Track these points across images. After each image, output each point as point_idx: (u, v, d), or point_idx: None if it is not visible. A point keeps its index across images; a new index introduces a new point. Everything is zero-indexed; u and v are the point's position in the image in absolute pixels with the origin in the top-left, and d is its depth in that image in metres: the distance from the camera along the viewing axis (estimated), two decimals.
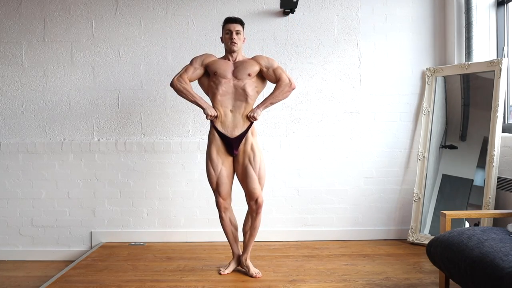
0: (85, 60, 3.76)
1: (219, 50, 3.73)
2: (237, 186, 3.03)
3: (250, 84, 2.85)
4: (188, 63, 2.95)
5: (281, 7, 3.65)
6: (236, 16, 2.94)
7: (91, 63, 3.76)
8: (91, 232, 3.77)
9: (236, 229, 3.01)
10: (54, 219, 3.76)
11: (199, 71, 2.91)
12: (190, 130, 3.78)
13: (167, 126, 3.77)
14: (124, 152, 3.76)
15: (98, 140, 3.77)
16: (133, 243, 3.71)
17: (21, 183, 3.74)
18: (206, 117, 2.86)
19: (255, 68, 2.88)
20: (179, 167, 3.76)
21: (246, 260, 2.96)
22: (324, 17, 3.78)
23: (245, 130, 2.84)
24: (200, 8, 3.76)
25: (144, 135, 3.78)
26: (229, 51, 2.91)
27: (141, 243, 3.71)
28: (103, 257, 3.35)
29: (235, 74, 2.85)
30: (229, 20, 2.91)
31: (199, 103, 2.88)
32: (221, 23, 2.96)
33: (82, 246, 3.76)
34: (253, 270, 2.92)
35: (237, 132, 2.83)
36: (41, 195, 3.75)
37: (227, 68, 2.86)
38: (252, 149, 2.84)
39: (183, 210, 3.78)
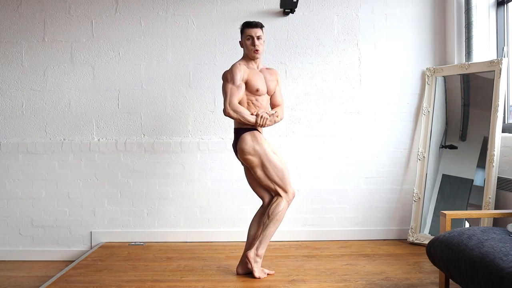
0: (85, 60, 3.76)
1: (218, 50, 3.73)
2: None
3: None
4: (228, 81, 2.79)
5: (281, 7, 3.65)
6: (256, 20, 2.87)
7: (91, 63, 3.76)
8: (91, 232, 3.77)
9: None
10: (54, 219, 3.76)
11: (243, 89, 2.80)
12: (190, 130, 3.78)
13: (167, 126, 3.78)
14: (124, 152, 3.76)
15: (98, 140, 3.77)
16: (133, 243, 3.71)
17: (21, 183, 3.74)
18: (259, 124, 2.79)
19: (275, 85, 2.98)
20: (179, 167, 3.76)
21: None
22: (324, 17, 3.78)
23: None
24: (200, 8, 3.76)
25: (144, 135, 3.78)
26: (252, 58, 2.87)
27: (141, 243, 3.71)
28: (103, 257, 3.35)
29: (269, 90, 2.92)
30: (249, 25, 2.84)
31: (252, 120, 2.78)
32: (221, 23, 2.96)
33: (82, 246, 3.76)
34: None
35: None
36: (41, 195, 3.75)
37: (263, 83, 2.86)
38: None
39: (183, 210, 3.78)
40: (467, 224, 3.34)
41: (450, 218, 2.58)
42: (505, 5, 3.47)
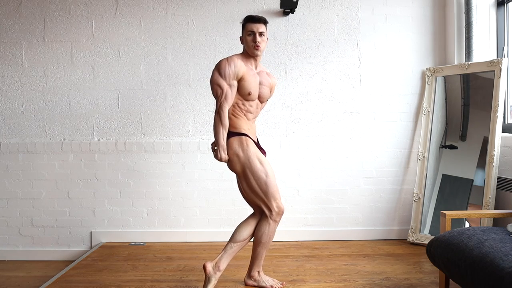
0: (85, 60, 3.76)
1: (219, 50, 3.73)
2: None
3: None
4: (218, 74, 2.56)
5: (281, 7, 3.65)
6: (259, 15, 2.65)
7: (91, 63, 3.76)
8: (91, 232, 3.77)
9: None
10: (54, 219, 3.76)
11: (235, 89, 2.59)
12: (190, 130, 3.78)
13: (167, 126, 3.78)
14: (124, 152, 3.76)
15: (98, 140, 3.77)
16: (133, 243, 3.71)
17: (21, 183, 3.74)
18: (216, 157, 2.59)
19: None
20: (179, 167, 3.76)
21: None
22: (324, 17, 3.78)
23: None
24: (200, 8, 3.76)
25: (144, 135, 3.78)
26: (252, 55, 2.64)
27: (141, 243, 3.71)
28: (103, 257, 3.35)
29: (261, 97, 2.70)
30: (252, 19, 2.60)
31: (220, 142, 2.56)
32: (221, 23, 2.95)
33: (82, 246, 3.76)
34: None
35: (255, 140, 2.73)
36: (41, 195, 3.75)
37: (256, 87, 2.64)
38: None
39: (183, 210, 3.78)
40: (467, 224, 3.34)
41: (450, 218, 2.57)
42: (505, 5, 3.47)
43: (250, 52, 2.64)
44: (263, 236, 2.63)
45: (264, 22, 2.63)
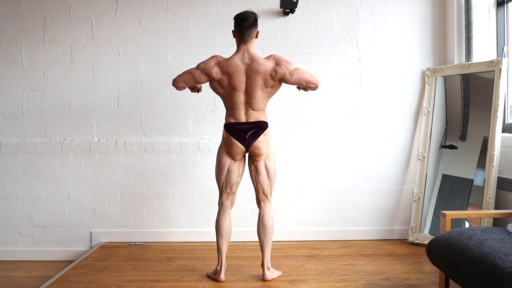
0: (85, 60, 3.76)
1: (219, 50, 3.73)
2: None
3: None
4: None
5: (281, 7, 3.65)
6: (248, 15, 2.84)
7: (91, 63, 3.76)
8: (91, 232, 3.77)
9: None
10: (54, 219, 3.76)
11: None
12: (190, 130, 3.78)
13: (167, 126, 3.78)
14: (124, 152, 3.76)
15: (98, 140, 3.77)
16: (133, 243, 3.71)
17: (21, 183, 3.74)
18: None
19: None
20: (179, 167, 3.77)
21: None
22: (324, 17, 3.78)
23: None
24: (200, 8, 3.76)
25: (144, 135, 3.78)
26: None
27: (141, 243, 3.71)
28: (103, 257, 3.35)
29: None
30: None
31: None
32: (221, 23, 2.95)
33: (82, 246, 3.76)
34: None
35: None
36: (41, 195, 3.75)
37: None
38: None
39: (183, 210, 3.78)
40: (467, 224, 3.34)
41: (450, 218, 2.58)
42: (505, 5, 3.47)
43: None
44: (272, 221, 2.84)
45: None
